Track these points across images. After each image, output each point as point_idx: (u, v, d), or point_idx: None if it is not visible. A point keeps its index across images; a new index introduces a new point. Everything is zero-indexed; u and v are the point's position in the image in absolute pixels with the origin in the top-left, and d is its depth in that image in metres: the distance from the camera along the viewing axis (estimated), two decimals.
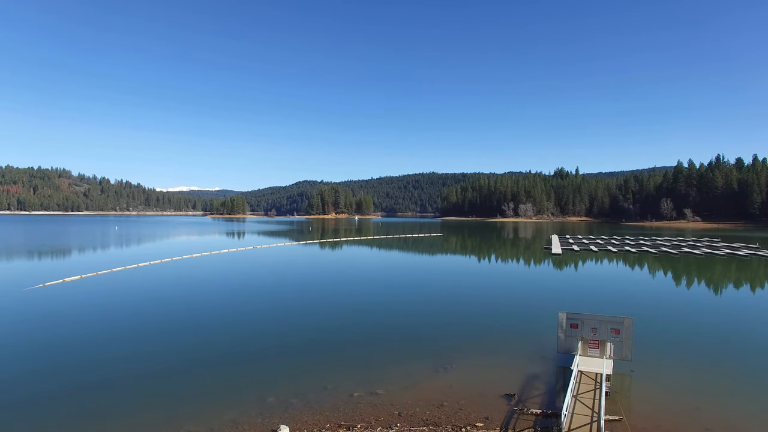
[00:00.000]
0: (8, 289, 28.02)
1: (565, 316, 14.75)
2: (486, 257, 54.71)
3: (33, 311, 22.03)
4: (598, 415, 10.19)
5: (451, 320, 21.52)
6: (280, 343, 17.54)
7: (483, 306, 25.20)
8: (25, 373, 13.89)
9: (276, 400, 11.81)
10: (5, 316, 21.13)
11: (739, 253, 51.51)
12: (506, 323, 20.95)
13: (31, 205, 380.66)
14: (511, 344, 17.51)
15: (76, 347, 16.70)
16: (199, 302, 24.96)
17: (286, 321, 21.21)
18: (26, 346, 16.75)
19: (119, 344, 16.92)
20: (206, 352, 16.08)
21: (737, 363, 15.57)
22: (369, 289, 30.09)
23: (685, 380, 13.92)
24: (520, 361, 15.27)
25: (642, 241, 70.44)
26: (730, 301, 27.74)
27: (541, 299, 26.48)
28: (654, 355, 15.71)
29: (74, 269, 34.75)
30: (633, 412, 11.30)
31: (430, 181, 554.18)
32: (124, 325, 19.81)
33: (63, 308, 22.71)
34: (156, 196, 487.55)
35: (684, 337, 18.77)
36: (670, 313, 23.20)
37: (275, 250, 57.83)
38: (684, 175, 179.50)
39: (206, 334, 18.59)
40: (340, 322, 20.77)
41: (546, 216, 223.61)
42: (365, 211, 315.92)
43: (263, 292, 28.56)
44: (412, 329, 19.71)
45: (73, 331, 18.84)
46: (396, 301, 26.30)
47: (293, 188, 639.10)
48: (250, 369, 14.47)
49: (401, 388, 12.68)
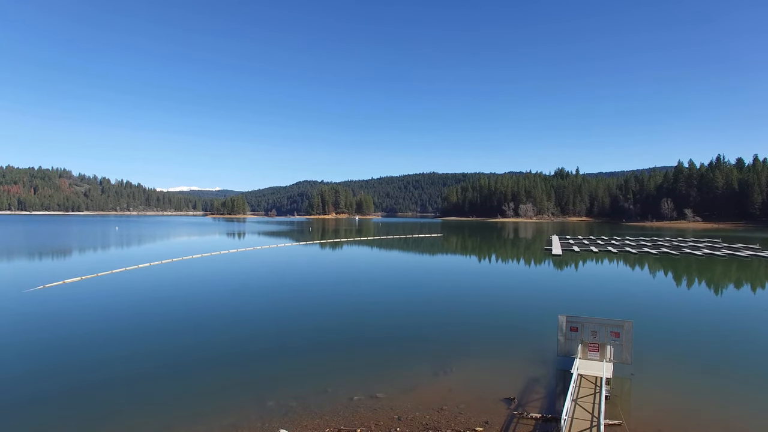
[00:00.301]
0: (8, 290, 28.02)
1: (565, 319, 14.74)
2: (486, 257, 54.69)
3: (33, 313, 22.02)
4: (598, 420, 10.17)
5: (451, 321, 21.52)
6: (280, 344, 17.57)
7: (483, 307, 25.18)
8: (25, 374, 13.90)
9: (276, 404, 11.81)
10: (5, 317, 21.13)
11: (739, 254, 51.46)
12: (506, 325, 20.94)
13: (31, 205, 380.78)
14: (511, 346, 17.49)
15: (75, 348, 16.70)
16: (199, 304, 24.96)
17: (286, 321, 21.23)
18: (26, 346, 16.75)
19: (118, 346, 16.92)
20: (207, 354, 16.08)
21: (737, 366, 15.56)
22: (369, 290, 30.08)
23: (685, 383, 13.92)
24: (520, 364, 15.26)
25: (642, 241, 70.38)
26: (730, 303, 27.71)
27: (541, 300, 26.46)
28: (654, 358, 15.70)
29: (74, 270, 34.76)
30: (633, 416, 11.28)
31: (431, 181, 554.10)
32: (123, 326, 19.81)
33: (62, 310, 22.70)
34: (156, 196, 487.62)
35: (684, 340, 18.77)
36: (671, 315, 23.18)
37: (276, 250, 57.83)
38: (684, 175, 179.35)
39: (206, 335, 18.59)
40: (340, 323, 20.77)
41: (546, 216, 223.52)
42: (365, 211, 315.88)
43: (263, 293, 28.56)
44: (412, 330, 19.71)
45: (73, 332, 18.85)
46: (396, 301, 26.29)
47: (293, 188, 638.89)
48: (251, 371, 14.48)
49: (401, 392, 12.67)
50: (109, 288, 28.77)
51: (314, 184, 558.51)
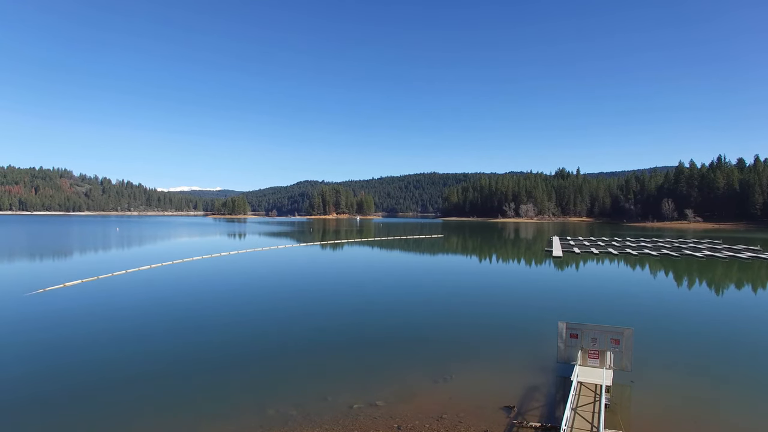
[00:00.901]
0: (9, 294, 28.07)
1: (564, 326, 14.73)
2: (486, 258, 54.68)
3: (35, 315, 22.06)
4: (598, 429, 10.18)
5: (450, 323, 21.56)
6: (281, 345, 17.75)
7: (483, 308, 25.18)
8: (26, 374, 13.95)
9: (276, 413, 11.82)
10: (8, 320, 21.18)
11: (740, 255, 51.41)
12: (506, 328, 20.94)
13: (32, 206, 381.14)
14: (511, 353, 17.50)
15: (76, 349, 16.75)
16: (199, 308, 24.97)
17: (287, 322, 21.32)
18: (28, 347, 16.80)
19: (117, 349, 16.93)
20: (207, 360, 16.09)
21: (739, 372, 15.54)
22: (371, 290, 30.07)
23: (685, 390, 13.91)
24: (519, 370, 15.26)
25: (643, 243, 70.37)
26: (731, 306, 27.69)
27: (542, 304, 26.47)
28: (654, 364, 15.69)
29: (75, 273, 34.82)
30: (632, 425, 11.28)
31: (431, 181, 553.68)
32: (124, 329, 19.81)
33: (64, 313, 22.73)
34: (157, 197, 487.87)
35: (685, 345, 18.76)
36: (671, 319, 23.14)
37: (277, 252, 57.85)
38: (685, 175, 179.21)
39: (206, 339, 18.59)
40: (341, 323, 20.84)
41: (547, 216, 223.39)
42: (366, 212, 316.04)
43: (264, 293, 28.58)
44: (411, 332, 19.77)
45: (74, 335, 18.86)
46: (397, 301, 26.30)
47: (294, 188, 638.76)
48: (251, 377, 14.53)
49: (400, 400, 12.68)
50: (109, 291, 28.81)
51: (315, 184, 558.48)
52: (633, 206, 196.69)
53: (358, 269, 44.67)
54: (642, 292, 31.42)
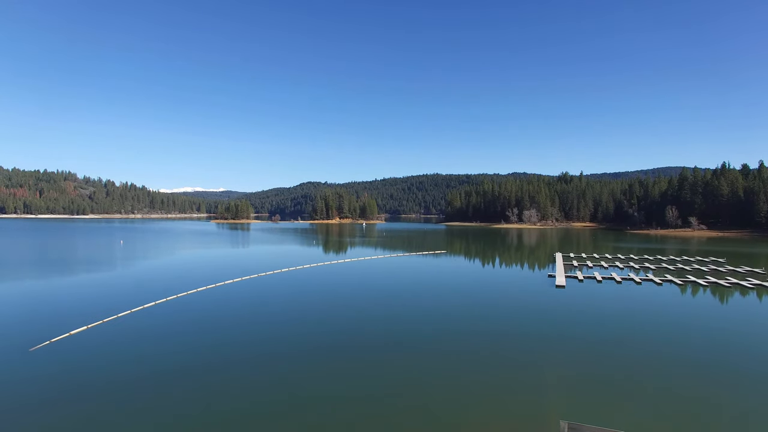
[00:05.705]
0: (15, 346, 28.17)
1: (566, 426, 14.80)
2: (485, 287, 54.77)
3: (42, 372, 22.14)
4: None
5: (443, 375, 21.43)
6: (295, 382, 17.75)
7: (481, 348, 25.01)
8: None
9: None
10: (13, 377, 21.28)
11: (743, 283, 51.37)
12: (500, 396, 20.77)
13: (37, 209, 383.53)
14: (507, 412, 17.41)
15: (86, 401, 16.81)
16: (210, 351, 25.06)
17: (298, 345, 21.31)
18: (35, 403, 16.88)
19: (130, 395, 17.04)
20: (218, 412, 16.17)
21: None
22: (373, 302, 30.05)
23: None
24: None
25: (647, 263, 70.60)
26: (737, 356, 27.50)
27: (541, 344, 26.30)
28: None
29: (79, 317, 34.90)
30: None
31: (434, 182, 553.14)
32: (134, 373, 19.94)
33: (71, 367, 22.85)
34: (161, 198, 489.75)
35: (690, 416, 18.62)
36: (673, 378, 22.99)
37: (295, 274, 57.96)
38: (689, 182, 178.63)
39: (216, 386, 18.69)
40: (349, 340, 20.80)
41: (550, 222, 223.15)
42: (369, 216, 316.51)
43: (280, 320, 28.60)
44: (416, 385, 19.73)
45: (88, 384, 18.98)
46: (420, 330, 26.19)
47: (297, 189, 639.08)
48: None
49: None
50: (114, 336, 28.99)
51: (318, 186, 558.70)
52: (636, 212, 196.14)
53: (360, 276, 44.69)
54: (646, 319, 31.16)
